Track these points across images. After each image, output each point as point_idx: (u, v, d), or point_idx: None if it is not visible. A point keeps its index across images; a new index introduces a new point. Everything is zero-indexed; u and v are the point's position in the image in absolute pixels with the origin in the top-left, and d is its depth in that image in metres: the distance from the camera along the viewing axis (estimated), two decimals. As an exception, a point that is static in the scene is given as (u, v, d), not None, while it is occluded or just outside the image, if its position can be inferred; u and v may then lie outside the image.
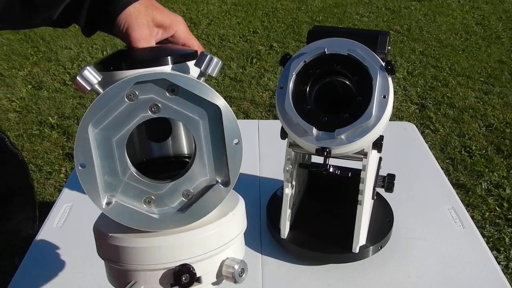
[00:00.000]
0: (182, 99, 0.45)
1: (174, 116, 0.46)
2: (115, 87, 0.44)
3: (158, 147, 0.52)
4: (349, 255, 0.81)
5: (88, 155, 0.44)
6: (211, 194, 0.47)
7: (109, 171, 0.46)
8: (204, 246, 0.48)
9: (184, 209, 0.47)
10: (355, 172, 0.78)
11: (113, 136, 0.45)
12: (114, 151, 0.45)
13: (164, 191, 0.47)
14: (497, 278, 0.81)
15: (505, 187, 2.20)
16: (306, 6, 4.57)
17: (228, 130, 0.46)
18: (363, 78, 0.68)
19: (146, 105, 0.45)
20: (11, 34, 3.93)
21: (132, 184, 0.46)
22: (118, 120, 0.45)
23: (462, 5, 4.61)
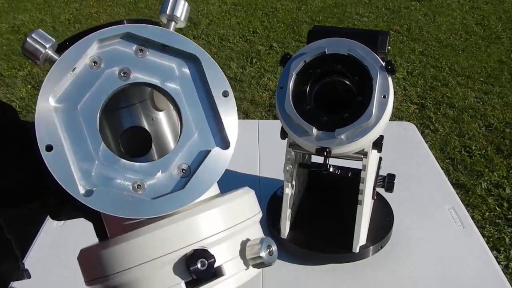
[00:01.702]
0: (155, 56, 0.40)
1: (147, 79, 0.39)
2: (73, 48, 0.38)
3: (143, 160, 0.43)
4: (349, 255, 0.81)
5: (54, 133, 0.37)
6: (210, 162, 0.40)
7: (82, 155, 0.38)
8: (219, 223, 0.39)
9: (182, 185, 0.39)
10: (355, 172, 0.78)
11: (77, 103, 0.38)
12: (83, 127, 0.38)
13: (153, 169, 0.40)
14: (497, 278, 0.81)
15: (505, 187, 2.20)
16: (306, 6, 4.57)
17: (213, 82, 0.40)
18: (363, 78, 0.68)
19: (115, 70, 0.39)
20: (11, 34, 3.93)
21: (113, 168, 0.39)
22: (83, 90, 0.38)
23: (462, 5, 4.61)
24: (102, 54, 0.39)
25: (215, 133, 0.41)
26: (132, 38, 0.39)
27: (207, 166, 0.40)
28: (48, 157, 0.37)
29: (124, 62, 0.39)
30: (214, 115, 0.41)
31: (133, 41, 0.39)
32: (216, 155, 0.40)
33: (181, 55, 0.40)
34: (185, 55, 0.40)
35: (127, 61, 0.39)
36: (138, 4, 4.60)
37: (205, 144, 0.41)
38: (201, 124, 0.40)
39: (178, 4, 0.41)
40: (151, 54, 0.39)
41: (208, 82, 0.40)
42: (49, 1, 4.67)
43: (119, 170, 0.39)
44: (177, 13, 0.41)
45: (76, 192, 0.37)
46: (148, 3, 4.64)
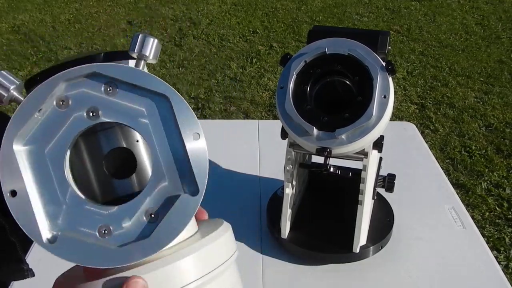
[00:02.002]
0: (124, 95, 0.38)
1: (116, 118, 0.38)
2: (39, 88, 0.37)
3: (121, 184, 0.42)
4: (350, 255, 0.81)
5: (18, 179, 0.36)
6: (177, 209, 0.38)
7: (49, 198, 0.37)
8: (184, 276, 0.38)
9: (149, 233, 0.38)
10: (356, 172, 0.78)
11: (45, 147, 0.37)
12: (50, 170, 0.37)
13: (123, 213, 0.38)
14: (497, 278, 0.81)
15: (505, 187, 2.20)
16: (306, 6, 4.57)
17: (184, 124, 0.38)
18: (364, 78, 0.68)
19: (82, 110, 0.37)
20: (11, 34, 3.93)
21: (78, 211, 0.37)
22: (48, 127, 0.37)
23: (462, 5, 4.61)
24: (69, 93, 0.37)
25: (184, 177, 0.39)
26: (101, 76, 0.38)
27: (174, 213, 0.38)
28: (12, 203, 0.36)
29: (93, 102, 0.38)
30: (184, 158, 0.39)
31: (102, 79, 0.38)
32: (185, 202, 0.38)
33: (152, 93, 0.38)
34: (156, 94, 0.38)
35: (95, 100, 0.38)
36: (138, 4, 4.61)
37: (174, 189, 0.39)
38: (171, 166, 0.39)
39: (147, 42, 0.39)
40: (121, 92, 0.38)
41: (178, 123, 0.38)
42: (49, 1, 4.67)
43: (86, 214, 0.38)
44: (146, 51, 0.39)
45: (40, 240, 0.37)
46: (148, 3, 4.64)
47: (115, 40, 3.82)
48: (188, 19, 4.32)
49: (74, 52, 3.63)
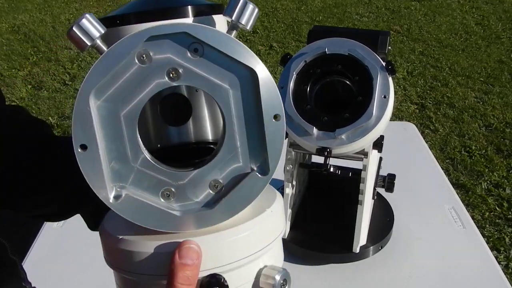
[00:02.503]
0: (208, 61, 0.36)
1: (197, 84, 0.36)
2: (123, 43, 0.34)
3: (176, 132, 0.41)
4: (350, 255, 0.81)
5: (90, 133, 0.35)
6: (246, 185, 0.37)
7: (117, 155, 0.36)
8: (237, 251, 0.38)
9: (211, 204, 0.38)
10: (356, 172, 0.78)
11: (121, 109, 0.35)
12: (123, 130, 0.36)
13: (187, 181, 0.37)
14: (497, 278, 0.81)
15: (505, 187, 2.20)
16: (306, 6, 4.57)
17: (266, 103, 0.36)
18: (364, 78, 0.68)
19: (163, 69, 0.35)
20: (11, 34, 3.93)
21: (146, 173, 0.37)
22: (127, 88, 0.35)
23: (462, 5, 4.61)
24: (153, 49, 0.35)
25: (256, 156, 0.38)
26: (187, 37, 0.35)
27: (241, 189, 0.37)
28: (81, 157, 0.35)
29: (175, 62, 0.35)
30: (260, 137, 0.37)
31: (189, 39, 0.35)
32: (253, 180, 0.37)
33: (239, 65, 0.36)
34: (243, 66, 0.36)
35: (178, 60, 0.35)
36: (138, 4, 4.60)
37: (244, 165, 0.38)
38: (244, 143, 0.37)
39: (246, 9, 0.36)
40: (206, 57, 0.36)
41: (261, 101, 0.36)
42: (49, 1, 4.67)
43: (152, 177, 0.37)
44: (243, 20, 0.37)
45: (104, 196, 0.36)
46: (148, 3, 4.64)
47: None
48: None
49: (74, 52, 3.63)
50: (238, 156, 0.37)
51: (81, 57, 3.55)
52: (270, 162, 0.37)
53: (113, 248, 0.39)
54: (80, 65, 3.42)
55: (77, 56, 3.57)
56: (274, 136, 0.37)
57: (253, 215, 0.39)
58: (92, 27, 0.35)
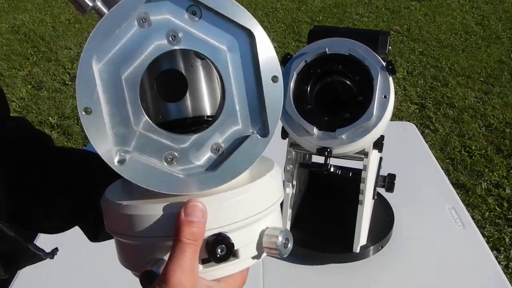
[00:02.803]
0: (206, 23, 0.36)
1: (196, 47, 0.37)
2: (124, 4, 0.35)
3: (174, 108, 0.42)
4: (350, 255, 0.81)
5: (94, 96, 0.35)
6: (246, 148, 0.38)
7: (119, 119, 0.36)
8: (241, 211, 0.39)
9: (214, 167, 0.38)
10: (356, 172, 0.78)
11: (123, 72, 0.36)
12: (125, 93, 0.36)
13: (188, 144, 0.38)
14: (497, 278, 0.81)
15: (505, 187, 2.20)
16: (306, 6, 4.57)
17: (264, 64, 0.37)
18: (364, 78, 0.68)
19: (162, 32, 0.36)
20: (11, 34, 3.93)
21: (148, 136, 0.37)
22: (128, 51, 0.36)
23: (462, 5, 4.61)
24: (152, 12, 0.36)
25: (256, 118, 0.39)
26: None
27: (243, 151, 0.38)
28: (86, 120, 0.36)
29: (174, 24, 0.36)
30: (259, 99, 0.38)
31: (187, 2, 0.36)
32: (253, 142, 0.38)
33: (236, 26, 0.37)
34: (241, 27, 0.37)
35: (177, 23, 0.36)
36: (138, 4, 4.60)
37: (244, 127, 0.39)
38: (244, 106, 0.38)
39: None
40: (204, 20, 0.36)
41: (259, 63, 0.37)
42: (49, 1, 4.67)
43: (154, 141, 0.38)
44: None
45: (110, 159, 0.37)
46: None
47: (115, 40, 3.82)
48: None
49: (74, 52, 3.63)
50: (238, 119, 0.38)
51: (81, 57, 3.55)
52: (270, 123, 0.38)
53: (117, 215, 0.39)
54: (80, 65, 3.42)
55: (77, 56, 3.57)
56: (273, 97, 0.38)
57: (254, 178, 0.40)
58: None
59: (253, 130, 0.39)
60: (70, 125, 2.72)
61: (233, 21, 0.36)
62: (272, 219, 0.42)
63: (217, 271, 0.39)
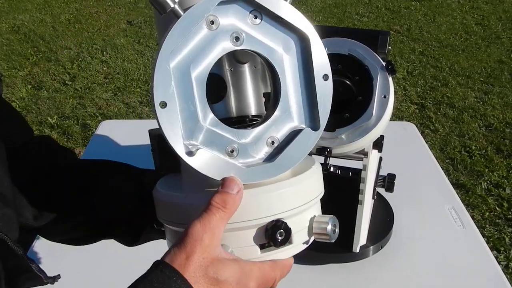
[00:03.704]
0: (266, 26, 0.40)
1: (256, 48, 0.40)
2: (198, 7, 0.38)
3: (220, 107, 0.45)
4: (350, 255, 0.81)
5: (169, 91, 0.38)
6: (300, 140, 0.42)
7: (188, 114, 0.39)
8: (297, 199, 0.42)
9: (271, 158, 0.42)
10: (356, 172, 0.78)
11: (192, 70, 0.39)
12: (194, 91, 0.39)
13: (249, 139, 0.41)
14: (497, 278, 0.81)
15: (505, 187, 2.20)
16: (306, 6, 4.57)
17: (317, 64, 0.41)
18: (364, 78, 0.68)
19: (227, 34, 0.40)
20: (11, 34, 3.93)
21: (214, 131, 0.40)
22: (197, 51, 0.39)
23: (462, 5, 4.61)
24: (220, 15, 0.39)
25: (308, 113, 0.42)
26: (249, 3, 0.40)
27: (297, 144, 0.41)
28: (161, 113, 0.38)
29: (238, 27, 0.40)
30: (311, 95, 0.42)
31: (249, 6, 0.40)
32: (306, 135, 0.42)
33: (292, 30, 0.40)
34: (296, 30, 0.40)
35: (241, 25, 0.40)
36: (138, 4, 4.61)
37: (298, 122, 0.42)
38: (298, 102, 0.42)
39: None
40: (264, 23, 0.40)
41: (313, 63, 0.41)
42: (49, 1, 4.67)
43: (219, 135, 0.40)
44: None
45: (181, 150, 0.39)
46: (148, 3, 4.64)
47: (115, 40, 3.82)
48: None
49: (74, 52, 3.63)
50: (292, 114, 0.42)
51: (81, 57, 3.55)
52: (321, 118, 0.42)
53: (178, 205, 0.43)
54: (80, 65, 3.42)
55: (77, 56, 3.58)
56: (324, 94, 0.42)
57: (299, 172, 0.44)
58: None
59: (305, 124, 0.42)
60: (70, 125, 2.72)
61: (291, 24, 0.40)
62: (318, 208, 0.47)
63: (273, 256, 0.42)
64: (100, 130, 1.27)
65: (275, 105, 0.42)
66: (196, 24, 0.38)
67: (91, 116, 2.80)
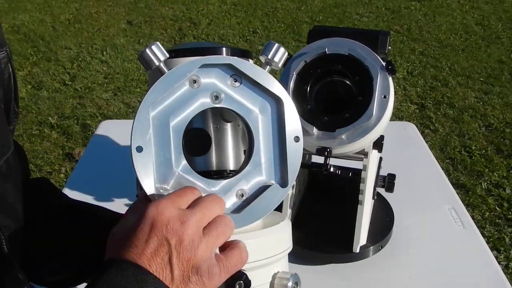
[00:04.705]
0: (244, 89, 0.44)
1: (234, 107, 0.44)
2: (181, 67, 0.43)
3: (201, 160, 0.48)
4: (350, 255, 0.81)
5: (146, 138, 0.42)
6: (267, 195, 0.44)
7: (163, 160, 0.43)
8: (261, 252, 0.44)
9: (238, 210, 0.44)
10: (356, 172, 0.78)
11: (171, 120, 0.43)
12: (170, 139, 0.43)
13: (218, 188, 0.44)
14: (497, 278, 0.81)
15: (505, 187, 2.20)
16: (306, 6, 4.57)
17: (289, 126, 0.45)
18: (364, 78, 0.68)
19: (208, 92, 0.44)
20: (11, 34, 3.93)
21: (185, 178, 0.43)
22: (178, 104, 0.43)
23: (462, 5, 4.61)
24: (202, 75, 0.43)
25: (278, 170, 0.45)
26: (230, 68, 0.44)
27: (264, 198, 0.44)
28: (136, 157, 0.42)
29: (218, 87, 0.44)
30: (282, 155, 0.45)
31: (231, 70, 0.44)
32: (274, 191, 0.45)
33: (268, 94, 0.44)
34: (272, 95, 0.44)
35: (221, 86, 0.44)
36: (138, 4, 4.61)
37: (267, 178, 0.45)
38: (269, 159, 0.45)
39: (279, 51, 0.46)
40: (243, 85, 0.44)
41: (285, 124, 0.44)
42: (49, 1, 4.67)
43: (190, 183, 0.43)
44: (276, 59, 0.46)
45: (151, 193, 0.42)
46: (148, 3, 4.64)
47: (115, 40, 3.82)
48: (188, 19, 4.32)
49: (73, 52, 3.63)
50: (262, 170, 0.45)
51: (81, 57, 3.55)
52: (289, 176, 0.45)
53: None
54: (80, 65, 3.42)
55: (77, 56, 3.58)
56: (294, 154, 0.45)
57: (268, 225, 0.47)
58: (159, 52, 0.43)
59: (274, 180, 0.45)
60: (70, 125, 2.72)
61: (267, 89, 0.44)
62: (283, 264, 0.49)
63: None
64: (100, 130, 1.27)
65: (248, 160, 0.45)
66: (179, 81, 0.42)
67: (91, 116, 2.80)
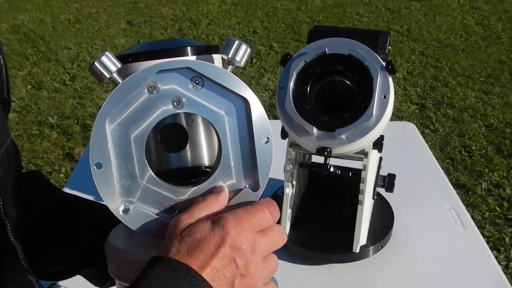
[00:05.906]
0: (207, 91, 0.42)
1: (198, 111, 0.42)
2: (136, 76, 0.40)
3: (175, 158, 0.46)
4: (350, 255, 0.81)
5: (105, 154, 0.40)
6: (239, 199, 0.43)
7: (126, 173, 0.41)
8: None
9: None
10: (356, 172, 0.78)
11: (132, 132, 0.41)
12: (132, 151, 0.41)
13: (187, 196, 0.42)
14: (497, 278, 0.81)
15: (505, 187, 2.20)
16: (306, 6, 4.57)
17: (257, 127, 0.42)
18: (364, 78, 0.68)
19: (168, 98, 0.41)
20: (11, 34, 3.93)
21: (151, 189, 0.42)
22: (137, 114, 0.41)
23: (462, 5, 4.61)
24: (160, 81, 0.41)
25: (248, 174, 0.43)
26: (190, 70, 0.41)
27: (235, 203, 0.43)
28: (96, 174, 0.40)
29: (179, 92, 0.41)
30: (251, 157, 0.43)
31: (191, 73, 0.41)
32: (245, 195, 0.43)
33: (234, 95, 0.42)
34: (238, 95, 0.42)
35: (182, 90, 0.41)
36: (138, 4, 4.61)
37: (237, 182, 0.43)
38: (238, 162, 0.43)
39: (240, 49, 0.43)
40: (206, 88, 0.42)
41: (253, 126, 0.42)
42: (49, 1, 4.67)
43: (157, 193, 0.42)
44: (238, 57, 0.43)
45: (115, 209, 0.41)
46: (148, 3, 4.64)
47: (115, 40, 3.82)
48: (188, 19, 4.32)
49: (73, 52, 3.63)
50: (232, 174, 0.43)
51: (81, 57, 3.55)
52: (261, 179, 0.43)
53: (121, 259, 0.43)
54: (80, 65, 3.42)
55: (77, 56, 3.57)
56: (264, 156, 0.43)
57: None
58: (110, 63, 0.40)
59: (245, 184, 0.43)
60: (70, 125, 2.72)
61: (231, 90, 0.42)
62: None
63: None
64: (100, 130, 1.27)
65: (217, 164, 0.43)
66: (134, 91, 0.40)
67: (91, 116, 2.80)
